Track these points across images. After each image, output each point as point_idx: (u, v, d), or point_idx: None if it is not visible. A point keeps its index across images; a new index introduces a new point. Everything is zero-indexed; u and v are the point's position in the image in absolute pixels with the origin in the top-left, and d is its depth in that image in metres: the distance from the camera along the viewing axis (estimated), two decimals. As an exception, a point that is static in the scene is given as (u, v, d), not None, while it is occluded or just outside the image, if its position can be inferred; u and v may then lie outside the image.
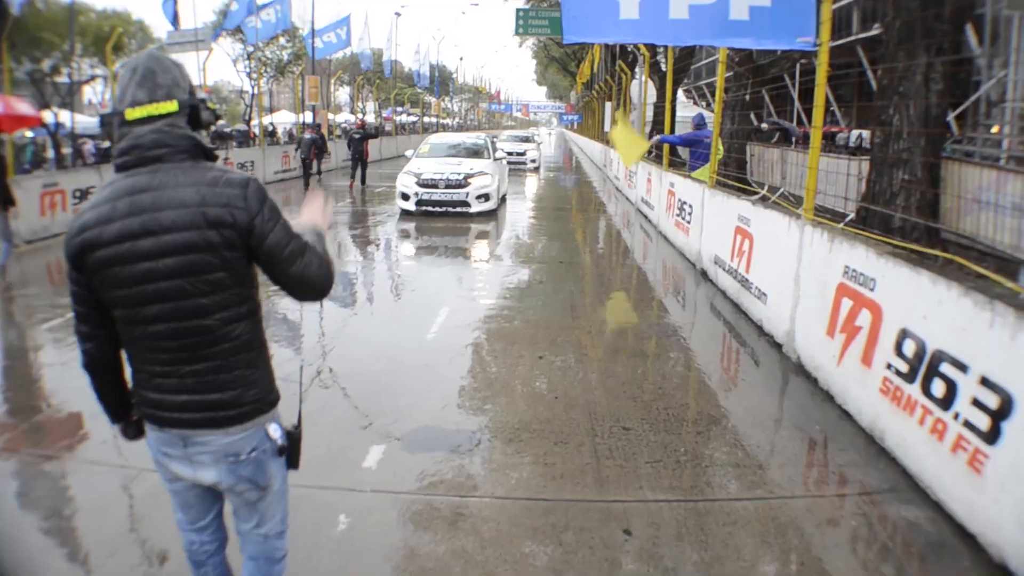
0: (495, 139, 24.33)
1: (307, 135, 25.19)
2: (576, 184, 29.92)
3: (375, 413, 5.70)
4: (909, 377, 4.85)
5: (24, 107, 12.56)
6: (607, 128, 32.00)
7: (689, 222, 12.04)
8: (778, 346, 7.27)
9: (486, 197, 17.30)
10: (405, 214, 17.43)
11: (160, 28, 39.94)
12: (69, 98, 32.50)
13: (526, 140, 39.23)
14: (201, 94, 2.56)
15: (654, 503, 4.45)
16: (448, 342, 7.70)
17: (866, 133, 19.87)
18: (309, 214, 2.81)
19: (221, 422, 2.55)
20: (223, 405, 2.54)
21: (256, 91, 39.60)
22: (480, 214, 17.28)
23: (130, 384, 2.65)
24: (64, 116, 32.12)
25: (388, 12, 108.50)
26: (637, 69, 29.59)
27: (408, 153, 20.79)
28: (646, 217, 17.02)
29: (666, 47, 20.68)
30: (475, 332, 8.11)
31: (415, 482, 4.67)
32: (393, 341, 7.75)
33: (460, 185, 17.14)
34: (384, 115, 57.83)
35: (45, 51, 33.37)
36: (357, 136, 25.28)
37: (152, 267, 2.38)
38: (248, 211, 2.41)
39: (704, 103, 45.23)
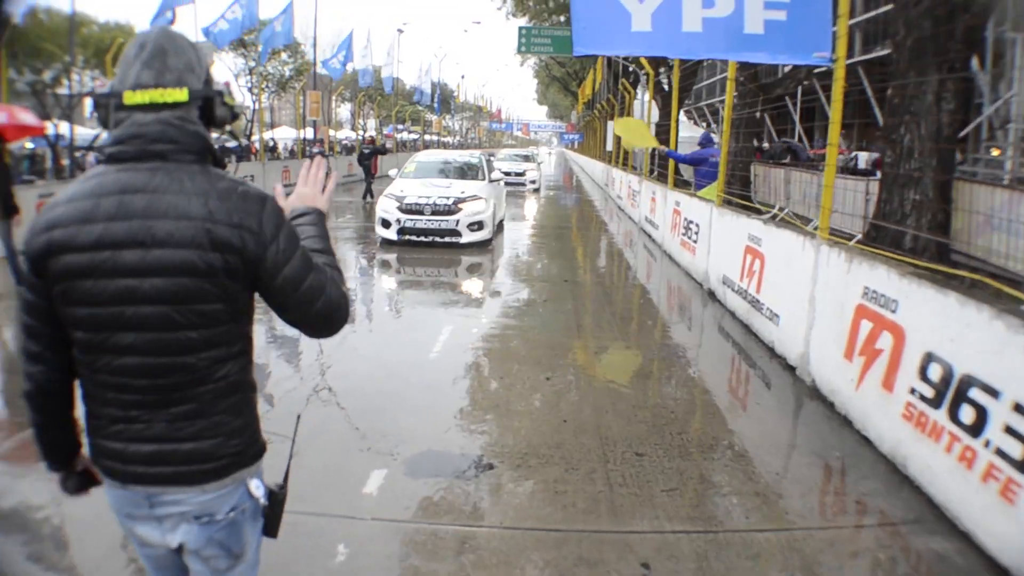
0: (492, 158, 22.95)
1: (315, 149, 25.86)
2: (577, 203, 29.77)
3: (375, 435, 5.46)
4: (935, 402, 4.64)
5: (27, 117, 12.44)
6: (609, 147, 31.97)
7: (696, 241, 11.86)
8: (791, 369, 7.06)
9: (479, 225, 14.90)
10: (386, 243, 15.12)
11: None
12: (70, 110, 32.29)
13: (526, 159, 36.97)
14: (219, 85, 2.13)
15: (672, 534, 4.21)
16: (451, 362, 7.49)
17: (872, 156, 19.82)
18: (307, 191, 2.37)
19: (196, 477, 2.11)
20: (199, 457, 2.10)
21: (257, 106, 39.52)
22: (472, 245, 14.87)
23: (82, 427, 2.19)
24: (64, 128, 31.99)
25: (390, 28, 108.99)
26: (639, 89, 29.59)
27: (392, 173, 18.55)
28: (650, 236, 16.79)
29: (671, 65, 20.64)
30: (478, 351, 7.90)
31: (418, 510, 4.43)
32: (395, 360, 7.53)
33: (449, 212, 14.70)
34: (385, 132, 57.75)
35: (46, 62, 33.31)
36: (367, 151, 26.17)
37: (134, 286, 1.94)
38: (261, 238, 1.99)
39: (704, 124, 45.29)
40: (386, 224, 15.00)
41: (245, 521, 2.23)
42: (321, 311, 2.12)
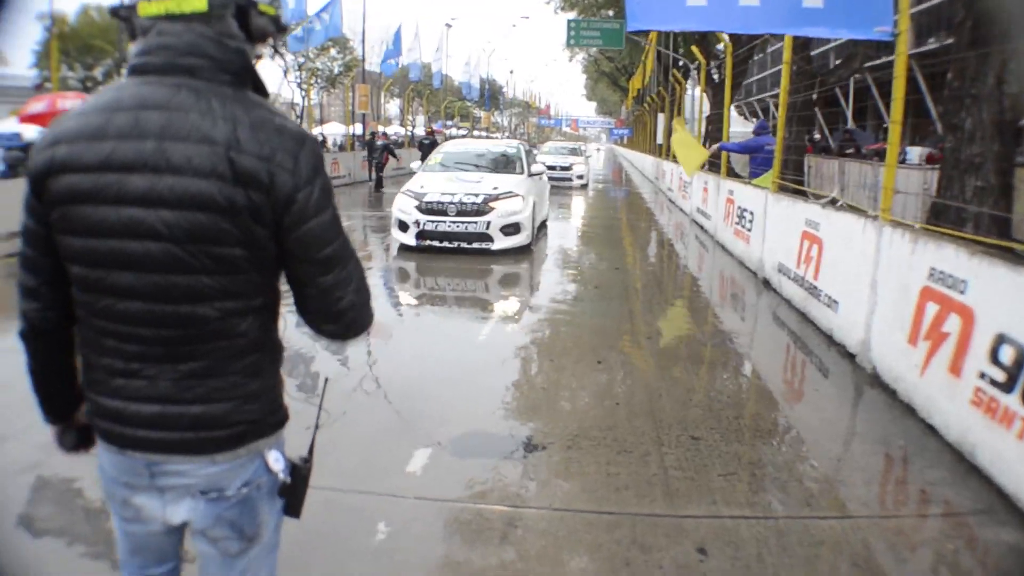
0: (534, 148, 20.86)
1: (379, 142, 26.37)
2: (627, 196, 29.47)
3: (420, 417, 5.34)
4: (1006, 387, 4.39)
5: (69, 102, 12.63)
6: (659, 140, 31.67)
7: (750, 230, 11.60)
8: (851, 356, 6.82)
9: (515, 228, 12.35)
10: (404, 248, 12.62)
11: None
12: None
13: (573, 152, 33.26)
14: None
15: (730, 519, 4.02)
16: (499, 346, 7.37)
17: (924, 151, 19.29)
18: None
19: (205, 445, 1.83)
20: (209, 422, 1.82)
21: (306, 102, 39.79)
22: (507, 252, 12.34)
23: (81, 380, 1.92)
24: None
25: (438, 23, 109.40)
26: (689, 83, 29.24)
27: (413, 166, 15.41)
28: (702, 227, 16.50)
29: (721, 58, 20.30)
30: (527, 337, 7.77)
31: (463, 490, 4.27)
32: (440, 344, 7.44)
33: (479, 212, 12.16)
34: (435, 128, 58.05)
35: (97, 58, 33.94)
36: (427, 143, 26.63)
37: (140, 218, 1.66)
38: (295, 177, 1.70)
39: (755, 120, 44.74)
40: (403, 227, 12.55)
41: (260, 498, 1.95)
42: (336, 284, 1.85)
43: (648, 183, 35.31)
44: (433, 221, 12.20)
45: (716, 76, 24.62)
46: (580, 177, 30.21)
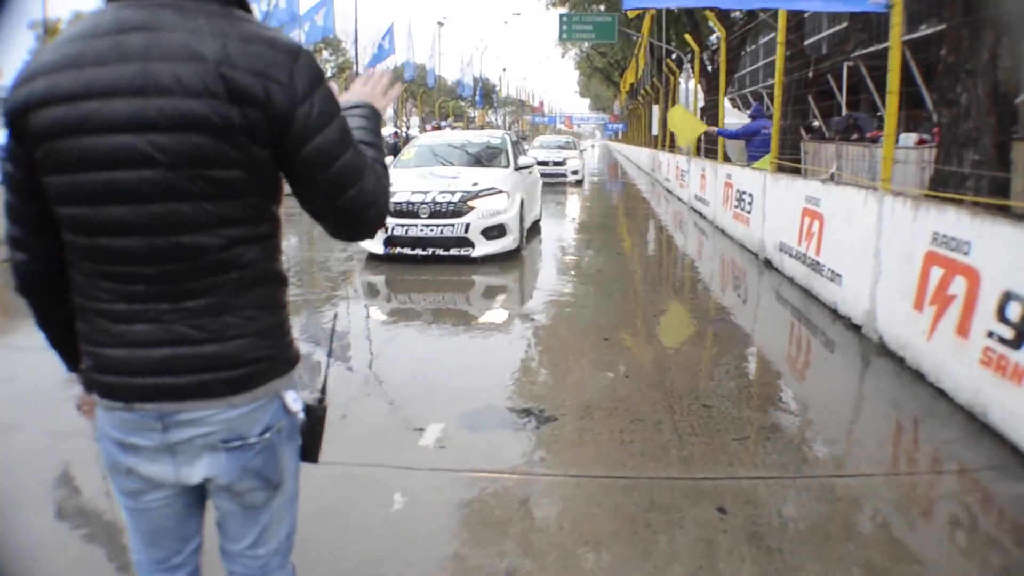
0: (522, 139, 16.74)
1: (390, 140, 26.24)
2: (623, 189, 29.43)
3: (430, 392, 5.35)
4: (1015, 343, 4.40)
5: None
6: (655, 131, 31.67)
7: (749, 212, 11.62)
8: (856, 328, 6.83)
9: (499, 231, 10.51)
10: (373, 259, 10.78)
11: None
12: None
13: (566, 147, 30.85)
14: None
15: (747, 480, 4.03)
16: (505, 326, 7.40)
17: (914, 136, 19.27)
18: (366, 90, 1.98)
19: (221, 387, 1.70)
20: (223, 362, 1.69)
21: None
22: (491, 259, 10.52)
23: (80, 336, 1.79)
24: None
25: (430, 22, 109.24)
26: (683, 75, 29.25)
27: (387, 161, 14.22)
28: (700, 214, 16.48)
29: (715, 48, 20.37)
30: (535, 317, 7.80)
31: (478, 460, 4.28)
32: (447, 323, 7.46)
33: (456, 212, 10.39)
34: (428, 127, 58.08)
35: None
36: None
37: (130, 144, 1.55)
38: (291, 93, 1.59)
39: (748, 111, 44.80)
40: None
41: (282, 443, 1.85)
42: (354, 201, 1.72)
43: (644, 175, 35.23)
44: (403, 225, 10.35)
45: (710, 67, 24.66)
46: (575, 172, 28.20)
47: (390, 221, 10.13)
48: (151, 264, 1.62)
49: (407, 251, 10.47)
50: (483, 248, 10.42)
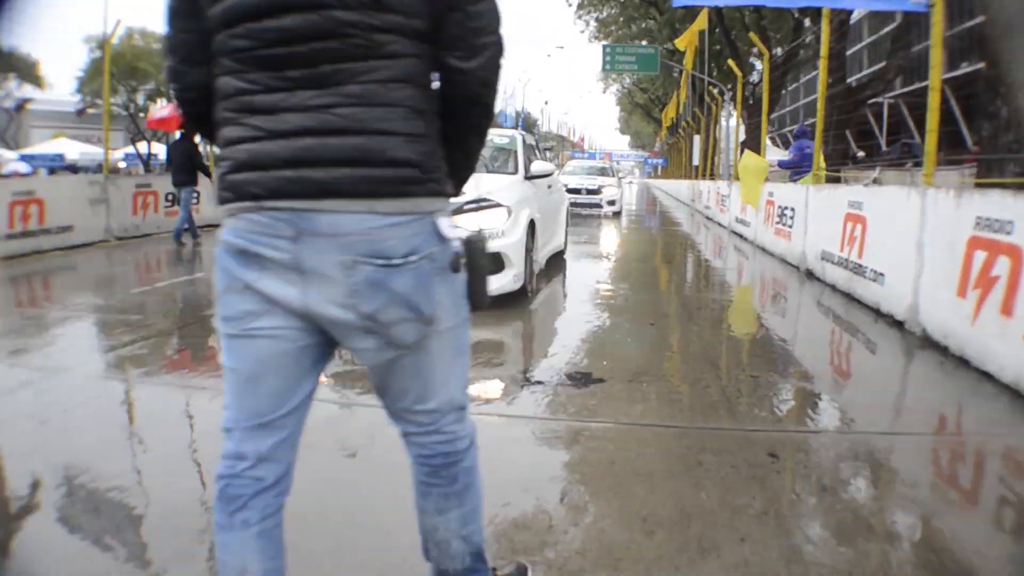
0: (535, 142, 12.67)
1: None
2: (661, 221, 29.40)
3: (481, 365, 5.48)
4: (1060, 317, 4.51)
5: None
6: (695, 162, 31.77)
7: (791, 226, 11.72)
8: (899, 324, 6.90)
9: (494, 263, 6.92)
10: None
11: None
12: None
13: (603, 173, 26.32)
14: None
15: (797, 433, 4.15)
16: (551, 308, 7.62)
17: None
18: None
19: (363, 186, 1.55)
20: (368, 158, 1.55)
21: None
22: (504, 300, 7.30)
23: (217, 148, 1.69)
24: (157, 148, 33.62)
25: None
26: (723, 113, 29.44)
27: None
28: (741, 236, 16.56)
29: (756, 82, 20.56)
30: (579, 305, 7.97)
31: (536, 409, 4.43)
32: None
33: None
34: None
35: (140, 81, 34.76)
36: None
37: None
38: None
39: (788, 146, 44.86)
40: None
41: (433, 275, 1.66)
42: (484, 18, 1.72)
43: (683, 206, 35.20)
44: None
45: (751, 100, 24.86)
46: (611, 203, 23.70)
47: None
48: (302, 43, 1.55)
49: None
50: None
